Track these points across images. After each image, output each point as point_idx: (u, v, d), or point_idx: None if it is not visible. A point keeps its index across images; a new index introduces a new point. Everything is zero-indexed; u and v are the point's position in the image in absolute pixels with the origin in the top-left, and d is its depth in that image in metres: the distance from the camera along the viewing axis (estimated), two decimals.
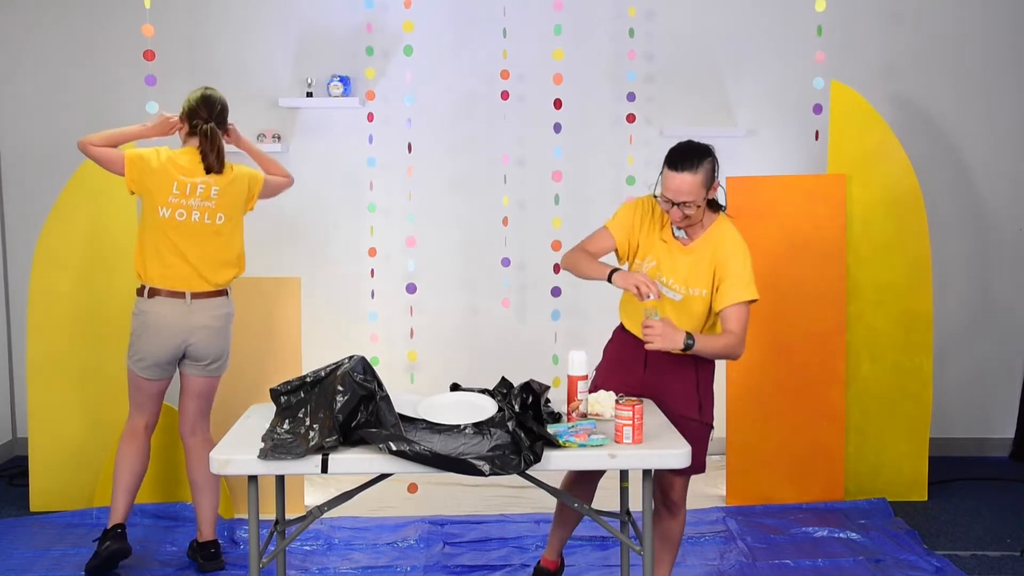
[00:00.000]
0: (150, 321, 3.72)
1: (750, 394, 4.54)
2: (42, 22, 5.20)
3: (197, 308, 3.75)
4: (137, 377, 3.79)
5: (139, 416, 3.86)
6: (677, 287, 3.18)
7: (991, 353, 5.42)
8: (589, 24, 5.20)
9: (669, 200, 3.10)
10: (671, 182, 3.08)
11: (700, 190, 3.07)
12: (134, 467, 3.84)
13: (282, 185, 4.09)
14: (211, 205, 3.76)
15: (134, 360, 3.77)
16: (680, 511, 3.34)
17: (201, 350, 3.78)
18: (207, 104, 3.81)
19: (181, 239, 3.73)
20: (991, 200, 5.35)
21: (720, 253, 3.15)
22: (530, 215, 5.24)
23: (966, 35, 5.28)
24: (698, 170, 3.06)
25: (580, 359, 2.94)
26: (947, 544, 4.16)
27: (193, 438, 3.90)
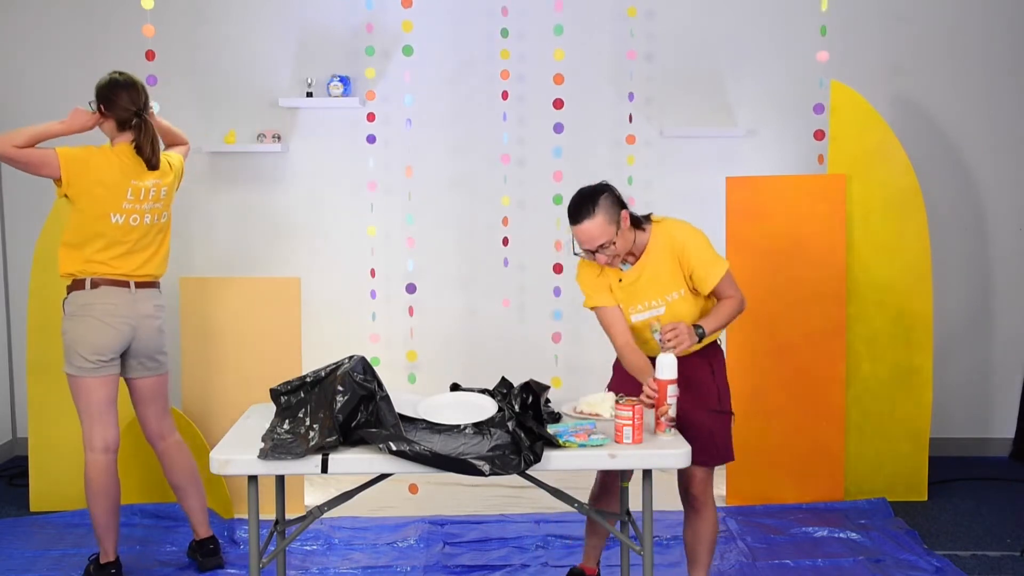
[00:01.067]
0: (97, 312, 3.56)
1: (750, 394, 4.54)
2: (42, 22, 5.21)
3: (141, 297, 3.65)
4: (86, 380, 3.58)
5: (96, 434, 3.63)
6: (655, 303, 3.24)
7: (991, 353, 5.42)
8: (589, 24, 5.20)
9: (588, 250, 3.17)
10: (578, 236, 3.15)
11: (607, 228, 3.12)
12: (111, 504, 3.66)
13: (186, 155, 3.98)
14: (159, 206, 3.69)
15: (82, 360, 3.56)
16: (705, 508, 3.30)
17: (144, 343, 3.67)
18: (128, 90, 3.60)
19: (133, 241, 3.63)
20: (991, 200, 5.35)
21: (675, 249, 3.20)
22: (530, 215, 5.24)
23: (967, 35, 5.27)
24: (595, 214, 3.10)
25: (671, 363, 2.89)
26: (947, 544, 4.16)
27: (163, 442, 3.83)
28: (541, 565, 3.90)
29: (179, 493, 3.87)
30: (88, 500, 3.66)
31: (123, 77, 3.65)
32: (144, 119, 3.62)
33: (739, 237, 4.52)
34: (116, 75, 3.65)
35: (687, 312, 3.22)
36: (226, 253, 5.25)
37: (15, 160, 3.53)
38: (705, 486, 3.28)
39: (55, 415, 4.50)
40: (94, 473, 3.64)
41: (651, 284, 3.23)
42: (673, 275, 3.20)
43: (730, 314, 3.21)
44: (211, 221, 5.18)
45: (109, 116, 3.63)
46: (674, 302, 3.21)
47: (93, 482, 3.64)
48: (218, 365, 4.37)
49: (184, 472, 3.83)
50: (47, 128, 3.59)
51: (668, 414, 2.87)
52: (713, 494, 3.33)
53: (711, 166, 5.21)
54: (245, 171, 5.20)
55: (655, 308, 3.23)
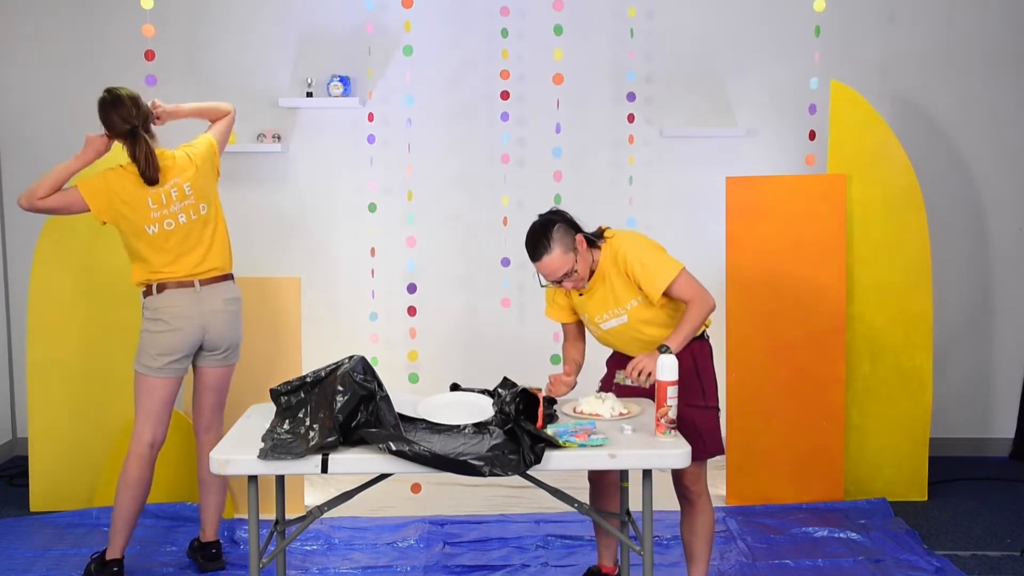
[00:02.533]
0: (165, 315, 3.64)
1: (750, 394, 4.54)
2: (42, 23, 5.21)
3: (207, 294, 3.70)
4: (150, 379, 3.66)
5: (147, 429, 3.69)
6: (617, 311, 3.31)
7: (991, 353, 5.42)
8: (589, 24, 5.20)
9: (553, 281, 3.27)
10: (541, 270, 3.25)
11: (566, 258, 3.21)
12: (138, 497, 3.70)
13: (230, 125, 3.97)
14: (191, 202, 3.69)
15: (151, 360, 3.65)
16: (700, 500, 3.33)
17: (217, 338, 3.73)
18: (116, 108, 3.59)
19: (177, 245, 3.67)
20: (991, 200, 5.35)
21: (620, 264, 3.27)
22: (530, 215, 5.19)
23: (966, 35, 5.27)
24: (552, 248, 3.19)
25: (671, 364, 2.89)
26: (947, 544, 4.16)
27: (207, 435, 3.87)
28: (541, 565, 3.90)
29: (203, 488, 3.88)
30: (119, 491, 3.70)
31: (109, 95, 3.62)
32: (135, 134, 3.59)
33: (739, 237, 4.52)
34: (104, 94, 3.64)
35: (650, 316, 3.30)
36: None
37: (45, 211, 3.65)
38: (697, 478, 3.30)
39: (55, 415, 4.51)
40: (133, 465, 3.70)
41: (608, 298, 3.31)
42: (625, 287, 3.28)
43: (694, 320, 3.22)
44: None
45: (112, 137, 3.66)
46: (634, 309, 3.29)
47: (130, 474, 3.69)
48: None
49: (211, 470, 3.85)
50: (65, 168, 3.64)
51: (668, 415, 2.87)
52: (707, 488, 3.35)
53: (711, 166, 5.21)
54: (245, 171, 5.20)
55: (618, 317, 3.32)
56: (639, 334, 3.32)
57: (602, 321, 3.34)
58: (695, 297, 3.23)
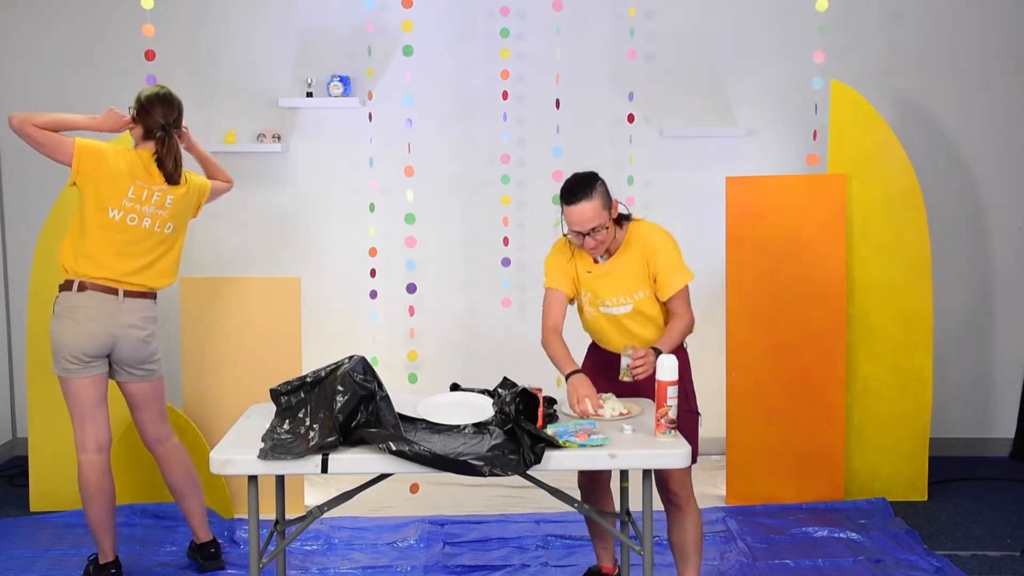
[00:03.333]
0: (78, 316, 3.55)
1: (750, 394, 4.54)
2: (42, 23, 5.20)
3: (127, 307, 3.62)
4: (75, 382, 3.58)
5: (89, 434, 3.63)
6: (623, 300, 3.30)
7: (991, 353, 5.42)
8: (589, 24, 5.20)
9: (579, 232, 3.21)
10: (573, 216, 3.19)
11: (601, 213, 3.19)
12: (105, 503, 3.65)
13: (223, 190, 4.03)
14: (163, 214, 3.67)
15: (66, 362, 3.56)
16: (687, 505, 3.31)
17: (128, 353, 3.64)
18: (164, 105, 3.66)
19: (126, 244, 3.62)
20: (991, 200, 5.35)
21: (646, 251, 3.27)
22: (530, 215, 5.24)
23: (966, 35, 5.27)
24: (592, 196, 3.18)
25: (671, 364, 2.89)
26: (947, 544, 4.16)
27: (161, 447, 3.82)
28: (541, 565, 3.90)
29: (178, 497, 3.86)
30: (84, 501, 3.66)
31: (164, 91, 3.70)
32: (169, 133, 3.65)
33: (739, 237, 4.52)
34: (160, 88, 3.72)
35: (652, 312, 3.31)
36: (226, 253, 5.25)
37: (32, 138, 3.58)
38: (683, 482, 3.29)
39: (55, 415, 4.50)
40: (89, 474, 3.64)
41: (620, 281, 3.29)
42: (640, 276, 3.28)
43: (680, 335, 3.27)
44: (211, 221, 5.17)
45: (139, 123, 3.68)
46: (640, 301, 3.29)
47: (88, 483, 3.64)
48: (218, 365, 4.37)
49: (183, 475, 3.83)
50: (73, 119, 3.68)
51: (668, 415, 2.87)
52: (693, 492, 3.33)
53: (711, 166, 5.21)
54: (245, 171, 5.20)
55: (623, 306, 3.31)
56: (633, 327, 3.32)
57: (605, 305, 3.32)
58: (687, 313, 3.29)
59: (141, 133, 3.69)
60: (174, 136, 3.67)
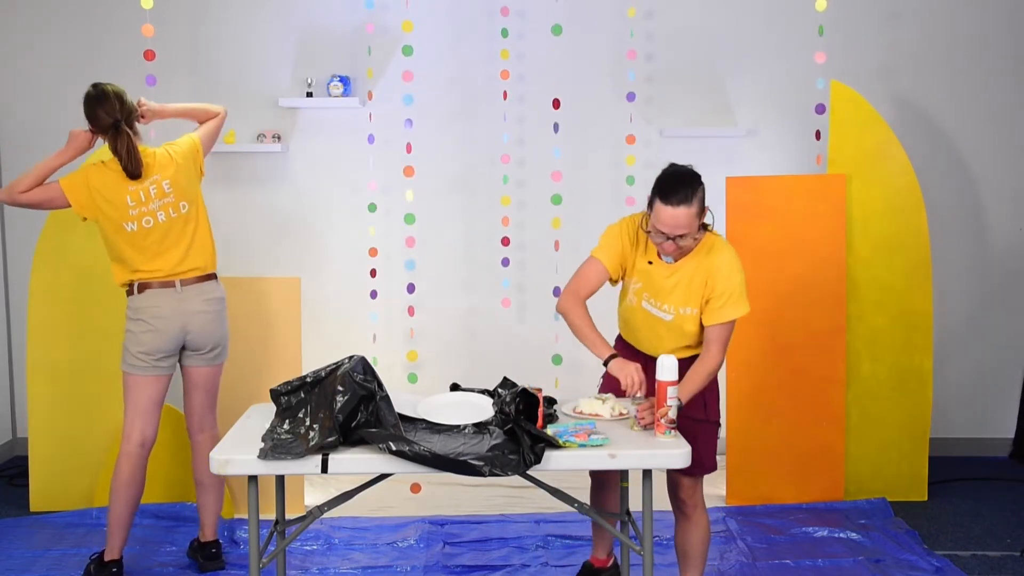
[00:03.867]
0: (146, 315, 3.64)
1: (750, 394, 4.54)
2: (42, 23, 5.20)
3: (189, 294, 3.69)
4: (136, 378, 3.68)
5: (136, 428, 3.68)
6: (667, 308, 3.18)
7: (991, 353, 5.42)
8: (589, 24, 5.20)
9: (663, 233, 3.01)
10: (665, 216, 2.97)
11: (695, 221, 3.00)
12: (132, 498, 3.69)
13: (219, 127, 3.96)
14: (171, 199, 3.68)
15: (134, 359, 3.66)
16: (695, 512, 3.28)
17: (199, 337, 3.72)
18: (101, 103, 3.60)
19: (155, 243, 3.66)
20: (991, 200, 5.35)
21: (710, 270, 3.12)
22: (530, 215, 5.24)
23: (966, 35, 5.27)
24: (693, 201, 2.97)
25: (671, 364, 2.88)
26: (947, 544, 4.16)
27: (201, 435, 3.86)
28: (541, 565, 3.90)
29: (200, 489, 3.87)
30: (112, 492, 3.68)
31: (95, 90, 3.65)
32: (117, 128, 3.60)
33: (739, 237, 4.52)
34: (90, 89, 3.66)
35: (690, 330, 3.18)
36: (226, 253, 5.23)
37: (25, 205, 3.67)
38: (694, 491, 3.26)
39: (55, 415, 4.51)
40: (125, 466, 3.68)
41: (675, 289, 3.16)
42: (695, 292, 3.13)
43: (704, 378, 3.09)
44: (211, 221, 5.16)
45: (96, 131, 3.67)
46: (683, 317, 3.17)
47: (122, 473, 3.67)
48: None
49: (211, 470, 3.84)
50: (48, 164, 3.68)
51: (668, 416, 2.87)
52: (703, 499, 3.31)
53: (711, 166, 5.16)
54: (245, 171, 5.20)
55: (665, 313, 3.18)
56: (665, 335, 3.21)
57: (647, 302, 3.18)
58: (720, 355, 3.11)
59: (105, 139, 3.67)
60: (124, 130, 3.60)
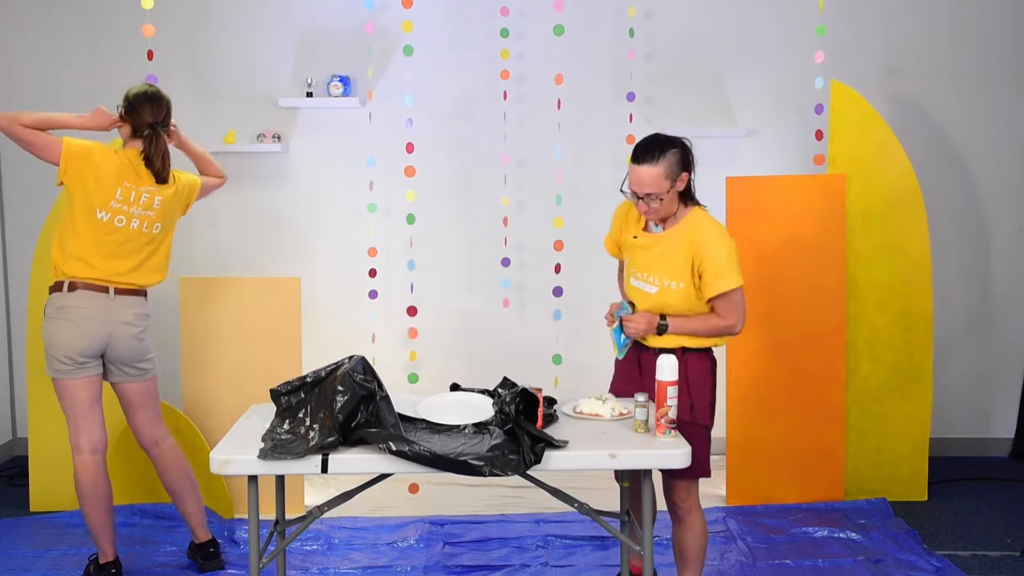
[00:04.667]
0: (71, 315, 3.54)
1: (750, 394, 4.54)
2: (43, 23, 5.21)
3: (119, 304, 3.61)
4: (67, 383, 3.57)
5: (83, 436, 3.61)
6: (652, 280, 3.22)
7: (991, 353, 5.42)
8: (589, 24, 5.20)
9: (634, 193, 3.16)
10: (633, 175, 3.13)
11: (662, 182, 3.11)
12: (101, 504, 3.63)
13: (215, 186, 4.02)
14: (151, 215, 3.66)
15: (59, 363, 3.55)
16: (689, 516, 3.26)
17: (122, 351, 3.63)
18: (152, 104, 3.64)
19: (115, 245, 3.61)
20: (991, 200, 5.35)
21: (695, 244, 3.16)
22: (530, 215, 5.24)
23: (966, 35, 5.27)
24: (658, 162, 3.09)
25: (671, 364, 2.88)
26: (947, 544, 4.16)
27: (157, 448, 3.81)
28: (541, 565, 3.90)
29: (175, 497, 3.86)
30: (80, 502, 3.65)
31: (152, 90, 3.69)
32: (157, 132, 3.63)
33: (739, 237, 4.46)
34: (148, 86, 3.71)
35: (671, 307, 3.20)
36: (226, 253, 5.25)
37: (19, 138, 3.58)
38: (687, 494, 3.24)
39: (55, 415, 4.48)
40: (84, 475, 3.62)
41: (658, 261, 3.20)
42: (680, 267, 3.17)
43: (709, 327, 3.15)
44: (211, 221, 5.18)
45: (127, 122, 3.67)
46: (668, 291, 3.19)
47: (83, 484, 3.62)
48: (218, 365, 4.37)
49: (179, 476, 3.82)
50: (61, 117, 3.66)
51: (668, 416, 2.87)
52: (698, 503, 3.28)
53: (711, 166, 5.18)
54: (245, 171, 5.20)
55: (651, 285, 3.22)
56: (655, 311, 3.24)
57: (634, 277, 3.26)
58: (731, 318, 3.16)
59: (129, 132, 3.67)
60: (162, 135, 3.65)
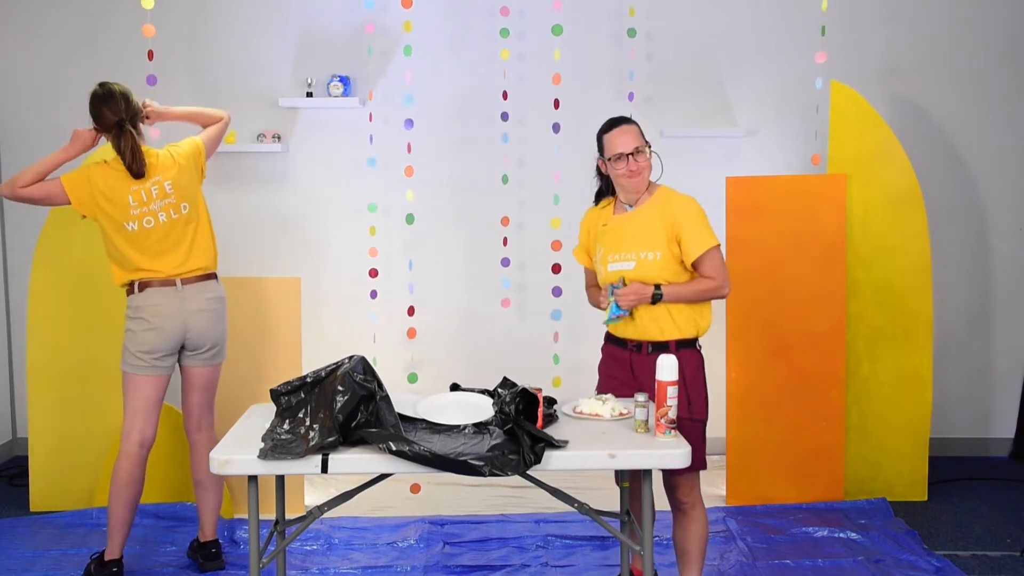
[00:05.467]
0: (146, 314, 3.64)
1: (750, 394, 4.54)
2: (42, 22, 5.21)
3: (189, 293, 3.69)
4: (136, 377, 3.67)
5: (135, 428, 3.68)
6: (629, 255, 3.27)
7: (991, 353, 5.42)
8: (589, 24, 5.20)
9: (622, 154, 3.28)
10: (617, 139, 3.31)
11: (641, 137, 3.33)
12: (131, 497, 3.68)
13: (222, 131, 3.98)
14: (172, 200, 3.69)
15: (134, 358, 3.66)
16: (693, 510, 3.28)
17: (199, 337, 3.72)
18: (107, 103, 3.63)
19: (156, 243, 3.66)
20: (991, 200, 5.35)
21: (668, 213, 3.27)
22: (530, 215, 5.24)
23: (966, 35, 5.27)
24: (631, 124, 3.36)
25: (671, 364, 2.88)
26: (947, 544, 4.16)
27: (199, 434, 3.86)
28: (541, 565, 3.90)
29: (199, 489, 3.88)
30: (112, 492, 3.68)
31: (102, 89, 3.67)
32: (123, 128, 3.62)
33: (739, 237, 4.52)
34: (97, 88, 3.68)
35: (656, 275, 3.24)
36: (226, 253, 5.23)
37: (25, 199, 3.67)
38: (691, 489, 3.26)
39: (55, 415, 4.51)
40: (124, 464, 3.68)
41: (633, 236, 3.28)
42: (655, 237, 3.25)
43: (700, 290, 3.24)
44: (211, 221, 5.17)
45: (100, 130, 3.68)
46: (646, 261, 3.24)
47: (121, 473, 3.67)
48: None
49: (209, 469, 3.83)
50: (50, 160, 3.69)
51: (668, 415, 2.87)
52: (701, 497, 3.30)
53: (711, 166, 5.21)
54: (245, 171, 5.20)
55: (627, 261, 3.27)
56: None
57: (612, 262, 3.30)
58: (717, 278, 3.24)
59: (108, 138, 3.68)
60: (128, 130, 3.63)
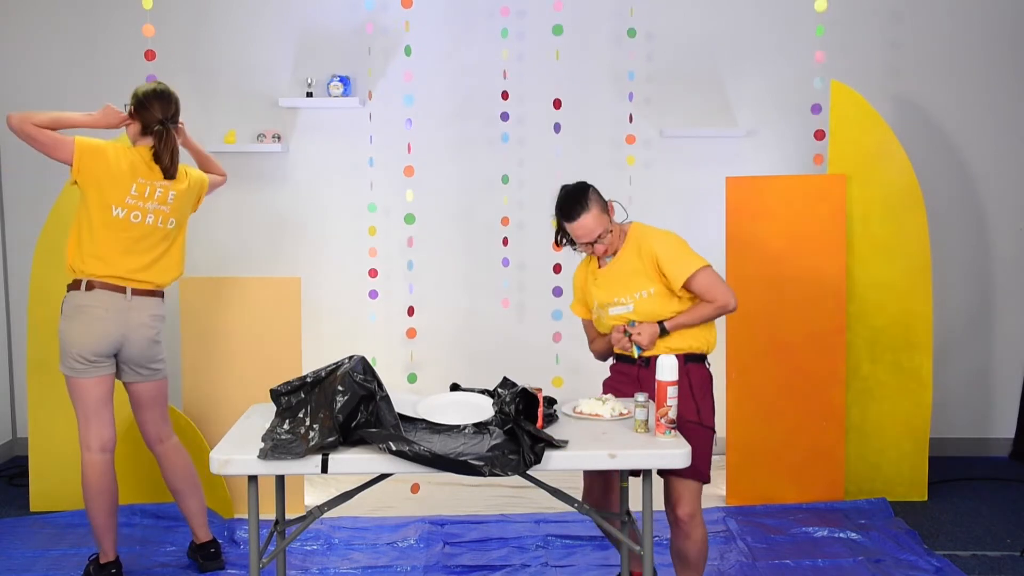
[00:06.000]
0: (88, 315, 3.56)
1: (750, 394, 4.54)
2: (43, 23, 5.21)
3: (136, 305, 3.64)
4: (80, 381, 3.59)
5: (92, 433, 3.63)
6: (624, 299, 3.31)
7: (991, 353, 5.42)
8: (589, 24, 5.20)
9: (587, 243, 3.29)
10: (576, 231, 3.27)
11: (602, 218, 3.26)
12: (107, 504, 3.65)
13: (218, 184, 4.04)
14: (166, 210, 3.68)
15: (73, 361, 3.57)
16: (692, 528, 3.21)
17: (136, 353, 3.65)
18: (162, 101, 3.67)
19: (131, 241, 3.63)
20: (991, 200, 5.35)
21: (644, 251, 3.29)
22: (530, 215, 5.24)
23: (966, 35, 5.27)
24: (590, 206, 3.24)
25: (671, 364, 2.88)
26: (947, 544, 4.16)
27: (161, 446, 3.82)
28: (541, 565, 3.90)
29: (178, 496, 3.87)
30: (86, 500, 3.66)
31: (162, 87, 3.72)
32: (167, 128, 3.66)
33: (739, 237, 4.52)
34: (157, 84, 3.74)
35: (655, 310, 3.28)
36: (226, 253, 5.25)
37: (31, 137, 3.58)
38: (692, 507, 3.20)
39: (55, 415, 4.50)
40: (91, 473, 3.65)
41: (619, 281, 3.31)
42: (640, 275, 3.29)
43: (703, 315, 3.27)
44: (211, 221, 5.17)
45: (136, 119, 3.69)
46: (642, 300, 3.28)
47: (91, 482, 3.64)
48: (218, 365, 4.37)
49: (183, 475, 3.83)
50: (71, 116, 3.69)
51: (668, 416, 2.87)
52: (701, 516, 3.23)
53: (711, 166, 5.21)
54: (245, 171, 5.20)
55: (625, 305, 3.31)
56: None
57: (612, 307, 3.33)
58: (720, 298, 3.25)
59: (138, 129, 3.69)
60: (172, 131, 3.68)
